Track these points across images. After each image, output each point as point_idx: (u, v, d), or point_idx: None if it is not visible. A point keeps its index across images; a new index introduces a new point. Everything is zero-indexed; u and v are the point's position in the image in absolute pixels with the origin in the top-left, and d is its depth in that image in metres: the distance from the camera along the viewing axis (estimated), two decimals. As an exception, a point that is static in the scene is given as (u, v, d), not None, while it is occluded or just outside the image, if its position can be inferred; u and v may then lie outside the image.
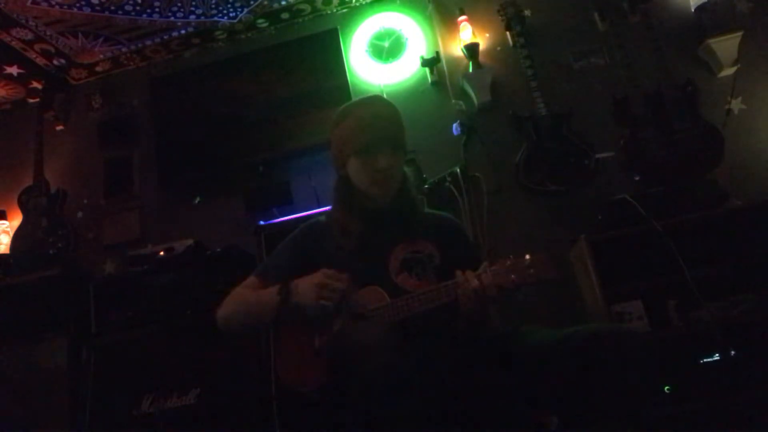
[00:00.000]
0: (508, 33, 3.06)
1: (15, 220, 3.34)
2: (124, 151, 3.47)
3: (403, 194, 1.64)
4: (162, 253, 2.81)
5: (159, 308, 2.66)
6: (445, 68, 3.11)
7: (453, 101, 3.03)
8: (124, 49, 3.42)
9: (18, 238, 3.20)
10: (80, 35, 3.25)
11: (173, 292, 2.68)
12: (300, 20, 3.40)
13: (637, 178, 2.66)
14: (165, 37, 3.36)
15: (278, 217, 2.79)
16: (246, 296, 1.58)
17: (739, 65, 2.76)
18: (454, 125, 2.98)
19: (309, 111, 3.09)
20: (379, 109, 1.61)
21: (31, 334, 2.72)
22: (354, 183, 1.60)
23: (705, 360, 2.21)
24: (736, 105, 2.78)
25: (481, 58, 3.05)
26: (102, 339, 2.65)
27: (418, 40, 3.20)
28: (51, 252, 3.13)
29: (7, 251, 3.22)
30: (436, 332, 1.47)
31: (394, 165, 1.55)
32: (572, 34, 3.05)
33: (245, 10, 3.23)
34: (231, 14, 3.25)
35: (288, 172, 3.17)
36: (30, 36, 3.16)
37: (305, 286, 1.42)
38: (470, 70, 3.02)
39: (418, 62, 3.11)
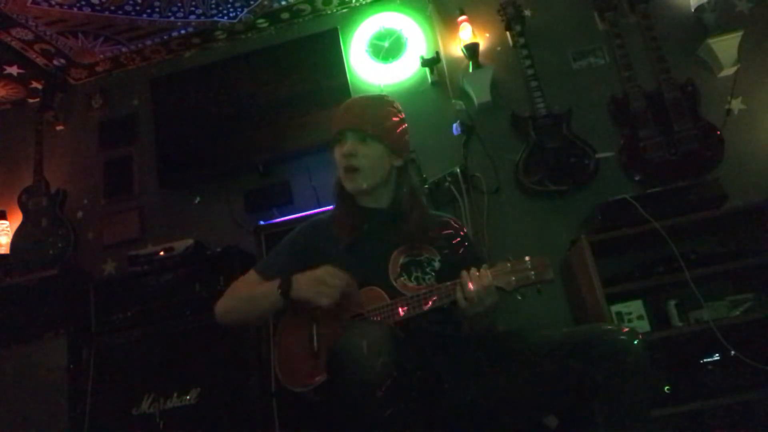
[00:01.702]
0: (508, 33, 3.06)
1: (15, 220, 3.34)
2: (124, 151, 3.47)
3: (403, 195, 1.63)
4: (162, 253, 2.81)
5: (159, 308, 2.66)
6: (445, 68, 3.11)
7: (453, 101, 3.03)
8: (124, 49, 3.42)
9: (18, 238, 3.21)
10: (80, 35, 3.25)
11: (173, 292, 2.69)
12: (300, 20, 3.40)
13: (637, 178, 2.66)
14: (165, 37, 3.36)
15: (278, 217, 2.79)
16: (246, 290, 1.59)
17: (739, 65, 2.76)
18: (454, 125, 2.97)
19: (309, 111, 3.09)
20: (363, 99, 1.67)
21: (31, 334, 2.73)
22: None
23: (705, 360, 2.21)
24: (736, 105, 2.78)
25: (481, 58, 3.04)
26: (102, 339, 2.66)
27: (418, 40, 3.19)
28: (51, 252, 3.14)
29: (7, 251, 3.22)
30: (435, 332, 1.47)
31: (360, 153, 1.55)
32: (572, 34, 3.05)
33: (245, 10, 3.23)
34: (231, 14, 3.25)
35: (288, 172, 3.17)
36: (30, 36, 3.16)
37: (305, 281, 1.43)
38: (470, 70, 3.02)
39: (418, 62, 3.11)
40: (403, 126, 1.65)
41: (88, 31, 3.22)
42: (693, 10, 2.88)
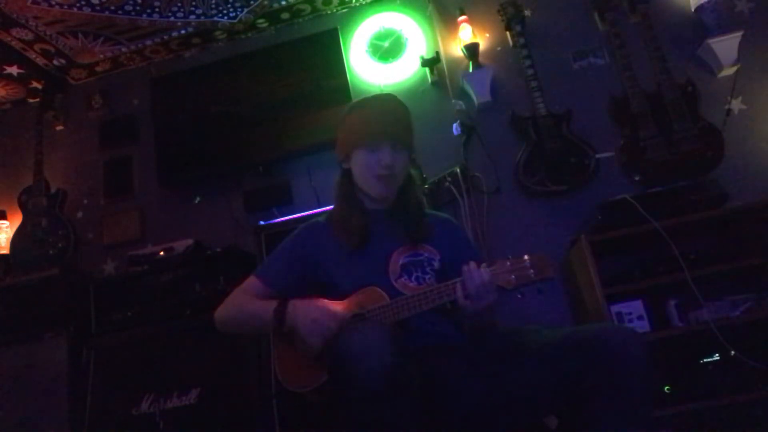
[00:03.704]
0: (508, 33, 3.06)
1: (15, 220, 3.34)
2: (124, 151, 3.47)
3: (406, 196, 1.63)
4: (162, 253, 2.81)
5: (159, 308, 2.66)
6: (445, 68, 3.11)
7: (453, 101, 3.03)
8: (124, 49, 3.42)
9: (18, 238, 3.20)
10: (80, 35, 3.25)
11: (173, 292, 2.69)
12: (300, 20, 3.40)
13: (637, 178, 2.66)
14: (165, 37, 3.36)
15: (278, 217, 2.79)
16: (244, 305, 1.57)
17: (739, 65, 2.76)
18: (454, 125, 2.97)
19: (309, 111, 3.09)
20: (390, 105, 1.62)
21: (31, 334, 2.72)
22: (356, 178, 1.60)
23: (705, 360, 2.21)
24: (736, 105, 2.78)
25: (481, 58, 3.04)
26: (102, 339, 2.66)
27: (418, 40, 3.19)
28: (51, 252, 3.13)
29: (7, 251, 3.22)
30: (435, 332, 1.47)
31: (398, 163, 1.56)
32: (572, 34, 3.05)
33: (245, 10, 3.23)
34: (231, 14, 3.25)
35: (288, 172, 3.17)
36: (30, 36, 3.16)
37: (300, 317, 1.40)
38: (470, 70, 3.02)
39: (418, 62, 3.11)
40: None
41: (88, 31, 3.22)
42: (693, 10, 2.88)
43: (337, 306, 1.43)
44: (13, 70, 3.41)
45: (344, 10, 3.37)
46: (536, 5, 3.12)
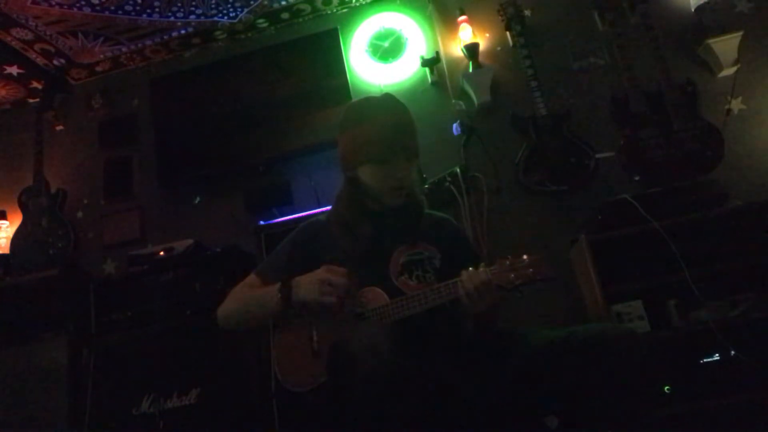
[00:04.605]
0: (508, 33, 3.06)
1: (15, 220, 3.34)
2: (124, 151, 3.47)
3: (409, 197, 1.63)
4: (162, 253, 2.81)
5: (159, 308, 2.66)
6: (445, 68, 3.11)
7: (453, 101, 3.03)
8: (124, 49, 3.42)
9: (18, 238, 3.21)
10: (80, 35, 3.25)
11: (173, 292, 2.69)
12: (300, 20, 3.41)
13: (637, 178, 2.66)
14: (165, 37, 3.36)
15: (278, 217, 2.79)
16: (247, 295, 1.58)
17: (739, 65, 2.76)
18: (454, 125, 2.97)
19: (309, 111, 3.09)
20: (397, 116, 1.59)
21: (31, 334, 2.73)
22: (366, 188, 1.59)
23: (705, 360, 2.21)
24: (736, 105, 2.78)
25: (481, 58, 3.05)
26: (102, 339, 2.66)
27: (418, 40, 3.19)
28: (51, 252, 3.14)
29: (7, 251, 3.22)
30: (436, 332, 1.47)
31: (411, 173, 1.57)
32: (572, 34, 3.05)
33: (245, 10, 3.23)
34: (231, 14, 3.25)
35: (288, 172, 3.17)
36: (30, 36, 3.17)
37: (306, 283, 1.41)
38: (470, 70, 3.02)
39: (418, 62, 3.11)
40: None
41: (88, 31, 3.23)
42: (693, 10, 2.88)
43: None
44: (13, 70, 3.41)
45: (344, 10, 3.37)
46: (536, 5, 3.12)
